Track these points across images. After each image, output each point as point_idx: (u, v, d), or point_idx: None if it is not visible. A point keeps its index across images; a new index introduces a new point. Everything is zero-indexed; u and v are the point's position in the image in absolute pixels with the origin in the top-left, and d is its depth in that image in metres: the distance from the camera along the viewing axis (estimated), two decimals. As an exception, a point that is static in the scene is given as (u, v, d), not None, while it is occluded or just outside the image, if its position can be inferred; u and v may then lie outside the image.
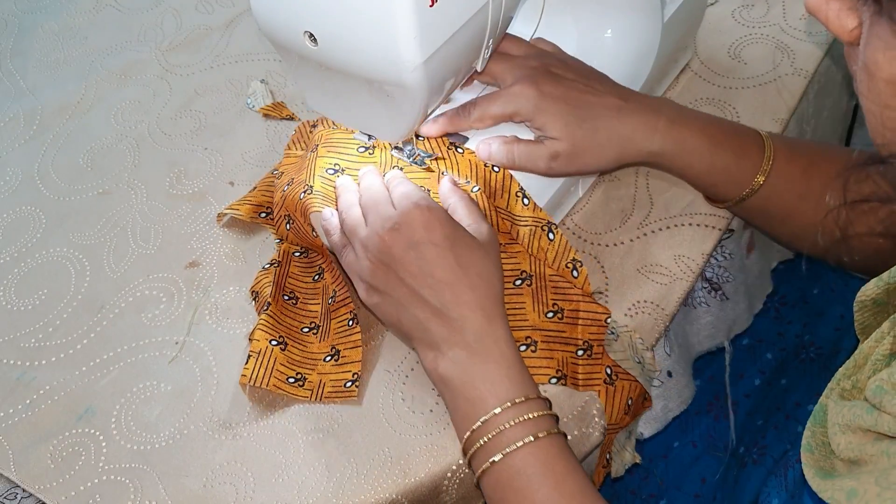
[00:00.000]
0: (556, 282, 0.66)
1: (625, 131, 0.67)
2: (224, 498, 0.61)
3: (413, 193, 0.63)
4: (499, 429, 0.56)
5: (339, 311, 0.69)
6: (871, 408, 0.45)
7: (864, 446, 0.45)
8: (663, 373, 0.73)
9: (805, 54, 0.84)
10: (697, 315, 0.77)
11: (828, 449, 0.49)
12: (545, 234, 0.66)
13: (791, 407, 0.83)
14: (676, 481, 0.82)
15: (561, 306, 0.65)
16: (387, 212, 0.62)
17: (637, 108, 0.67)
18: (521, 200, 0.67)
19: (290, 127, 0.85)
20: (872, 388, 0.45)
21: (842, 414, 0.47)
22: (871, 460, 0.44)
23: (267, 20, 0.58)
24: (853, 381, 0.50)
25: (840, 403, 0.48)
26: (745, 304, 0.81)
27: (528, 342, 0.64)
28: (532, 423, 0.57)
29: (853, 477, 0.45)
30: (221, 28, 0.97)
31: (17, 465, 0.64)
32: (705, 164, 0.68)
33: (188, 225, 0.78)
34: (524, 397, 0.57)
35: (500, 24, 0.61)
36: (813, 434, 0.51)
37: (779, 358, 0.89)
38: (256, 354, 0.66)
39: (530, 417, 0.57)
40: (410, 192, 0.63)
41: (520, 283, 0.66)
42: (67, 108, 0.91)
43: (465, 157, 0.67)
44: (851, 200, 0.48)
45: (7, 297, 0.74)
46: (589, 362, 0.65)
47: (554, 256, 0.66)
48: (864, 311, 0.55)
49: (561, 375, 0.64)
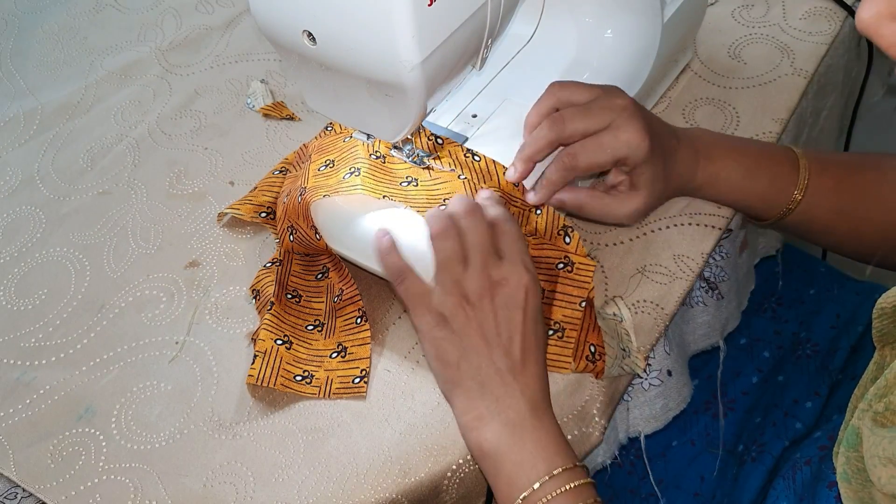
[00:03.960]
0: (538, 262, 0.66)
1: (681, 172, 0.68)
2: (224, 498, 0.61)
3: (522, 248, 0.61)
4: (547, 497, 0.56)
5: (347, 309, 0.69)
6: None
7: None
8: (663, 372, 0.73)
9: (805, 54, 0.84)
10: (694, 315, 0.78)
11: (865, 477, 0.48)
12: (532, 212, 0.66)
13: (789, 404, 0.83)
14: (675, 480, 0.83)
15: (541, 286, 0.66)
16: (494, 261, 0.60)
17: (684, 146, 0.68)
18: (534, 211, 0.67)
19: (291, 127, 0.85)
20: None
21: (882, 446, 0.46)
22: None
23: (266, 19, 0.58)
24: (886, 404, 0.49)
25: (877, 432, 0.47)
26: (735, 302, 0.82)
27: None
28: (572, 494, 0.56)
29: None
30: (221, 28, 0.97)
31: (17, 464, 0.64)
32: (739, 192, 0.69)
33: (188, 225, 0.78)
34: (562, 468, 0.57)
35: (498, 24, 0.61)
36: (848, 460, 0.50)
37: (776, 356, 0.89)
38: (262, 354, 0.66)
39: (569, 488, 0.56)
40: (521, 247, 0.61)
41: None
42: (67, 108, 0.91)
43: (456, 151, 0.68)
44: None
45: (7, 297, 0.75)
46: (559, 344, 0.65)
47: (545, 226, 0.66)
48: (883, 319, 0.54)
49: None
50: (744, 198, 0.70)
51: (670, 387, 0.74)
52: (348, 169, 0.69)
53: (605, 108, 0.64)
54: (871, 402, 0.50)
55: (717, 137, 0.71)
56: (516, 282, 0.59)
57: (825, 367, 0.85)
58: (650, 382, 0.72)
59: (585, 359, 0.64)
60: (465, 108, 0.74)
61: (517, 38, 0.78)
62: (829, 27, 0.86)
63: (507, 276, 0.59)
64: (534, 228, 0.67)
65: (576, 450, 0.64)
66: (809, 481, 0.63)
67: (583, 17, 0.76)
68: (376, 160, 0.70)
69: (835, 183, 0.69)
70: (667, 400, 0.74)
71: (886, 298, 0.54)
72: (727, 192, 0.70)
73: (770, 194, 0.69)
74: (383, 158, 0.70)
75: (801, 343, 0.89)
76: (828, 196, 0.69)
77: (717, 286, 0.78)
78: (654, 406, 0.73)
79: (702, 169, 0.68)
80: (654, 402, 0.73)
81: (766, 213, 0.71)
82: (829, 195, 0.69)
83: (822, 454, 0.64)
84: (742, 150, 0.70)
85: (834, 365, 0.85)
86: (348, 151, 0.71)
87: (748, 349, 0.89)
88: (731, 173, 0.68)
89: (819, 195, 0.69)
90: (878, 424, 0.48)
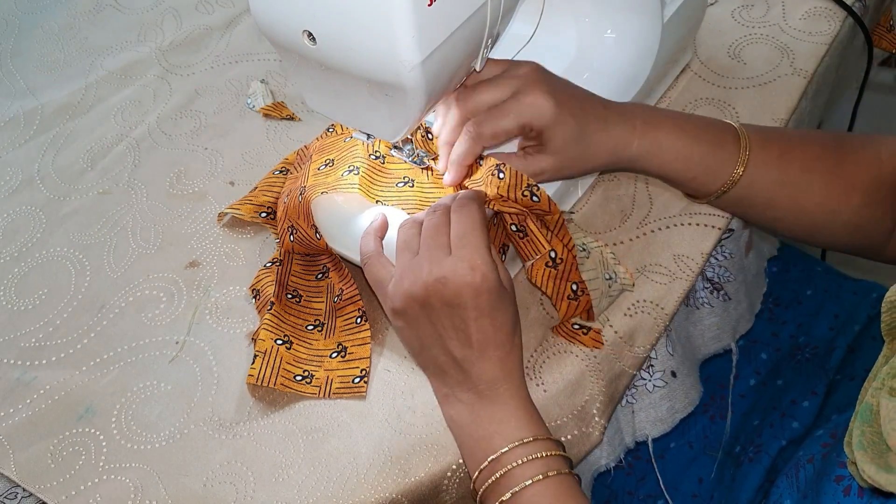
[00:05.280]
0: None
1: (609, 141, 0.66)
2: (224, 498, 0.61)
3: (472, 240, 0.59)
4: (508, 467, 0.56)
5: (347, 309, 0.69)
6: None
7: None
8: (667, 373, 0.72)
9: (805, 54, 0.84)
10: (701, 316, 0.77)
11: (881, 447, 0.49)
12: (495, 176, 0.64)
13: (787, 405, 0.83)
14: (674, 482, 0.82)
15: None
16: (439, 258, 0.59)
17: (616, 116, 0.66)
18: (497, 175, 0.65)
19: (291, 127, 0.85)
20: None
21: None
22: None
23: (266, 19, 0.58)
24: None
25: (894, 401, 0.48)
26: (746, 303, 0.81)
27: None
28: (542, 462, 0.57)
29: None
30: (221, 28, 0.97)
31: (18, 464, 0.64)
32: (682, 159, 0.67)
33: (188, 225, 0.78)
34: (532, 437, 0.57)
35: (498, 24, 0.61)
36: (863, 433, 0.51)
37: (774, 358, 0.89)
38: (262, 354, 0.66)
39: (540, 456, 0.57)
40: (470, 239, 0.59)
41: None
42: (67, 108, 0.91)
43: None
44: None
45: (7, 296, 0.75)
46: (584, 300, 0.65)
47: (507, 189, 0.64)
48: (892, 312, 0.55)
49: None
50: (686, 168, 0.68)
51: (676, 389, 0.73)
52: (347, 167, 0.70)
53: (510, 77, 0.64)
54: (884, 381, 0.51)
55: (659, 110, 0.69)
56: (461, 281, 0.58)
57: (822, 367, 0.85)
58: (654, 384, 0.72)
59: (567, 298, 0.64)
60: (465, 108, 0.74)
61: (517, 38, 0.78)
62: (829, 27, 0.86)
63: (449, 275, 0.58)
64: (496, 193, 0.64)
65: (576, 450, 0.64)
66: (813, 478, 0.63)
67: (583, 17, 0.76)
68: (375, 160, 0.70)
69: (777, 154, 0.68)
70: (672, 402, 0.73)
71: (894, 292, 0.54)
72: (669, 160, 0.67)
73: (713, 164, 0.67)
74: (383, 158, 0.70)
75: (799, 348, 0.88)
76: (769, 168, 0.68)
77: (721, 287, 0.77)
78: (660, 408, 0.73)
79: (639, 137, 0.66)
80: (659, 405, 0.73)
81: (708, 185, 0.68)
82: (770, 167, 0.68)
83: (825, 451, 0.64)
84: (684, 119, 0.68)
85: (831, 364, 0.85)
86: (348, 151, 0.71)
87: (745, 351, 0.89)
88: (674, 142, 0.66)
89: (761, 166, 0.67)
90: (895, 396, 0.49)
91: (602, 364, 0.66)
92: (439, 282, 0.58)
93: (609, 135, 0.66)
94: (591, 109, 0.65)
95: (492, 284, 0.59)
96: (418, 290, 0.59)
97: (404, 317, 0.61)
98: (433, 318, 0.59)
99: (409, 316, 0.60)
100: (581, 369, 0.66)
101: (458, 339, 0.59)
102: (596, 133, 0.65)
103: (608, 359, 0.66)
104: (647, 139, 0.66)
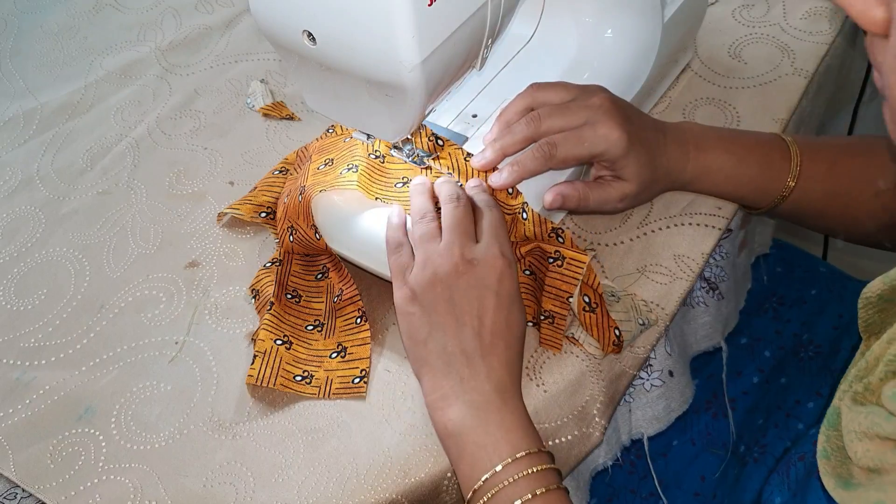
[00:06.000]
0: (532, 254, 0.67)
1: (668, 166, 0.68)
2: (224, 498, 0.61)
3: (500, 234, 0.62)
4: (500, 486, 0.56)
5: (346, 309, 0.69)
6: (890, 415, 0.44)
7: (884, 455, 0.44)
8: (664, 372, 0.73)
9: (805, 54, 0.84)
10: (695, 315, 0.77)
11: (844, 455, 0.48)
12: (519, 216, 0.66)
13: (791, 405, 0.83)
14: (676, 480, 0.83)
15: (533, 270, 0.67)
16: (469, 243, 0.61)
17: (673, 142, 0.68)
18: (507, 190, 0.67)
19: (291, 127, 0.85)
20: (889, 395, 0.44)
21: (858, 421, 0.46)
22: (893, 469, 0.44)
23: (266, 19, 0.58)
24: (865, 384, 0.49)
25: (855, 409, 0.47)
26: (734, 301, 0.82)
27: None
28: (533, 479, 0.56)
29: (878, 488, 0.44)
30: (221, 28, 0.97)
31: (17, 465, 0.64)
32: (732, 181, 0.70)
33: (188, 225, 0.78)
34: (525, 452, 0.57)
35: (498, 24, 0.61)
36: (828, 438, 0.50)
37: (777, 356, 0.89)
38: (262, 354, 0.66)
39: (531, 472, 0.56)
40: (499, 232, 0.62)
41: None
42: (67, 108, 0.91)
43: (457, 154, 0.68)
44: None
45: (7, 297, 0.75)
46: (551, 328, 0.66)
47: (533, 231, 0.66)
48: (868, 309, 0.54)
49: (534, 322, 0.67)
50: (737, 187, 0.70)
51: (672, 387, 0.73)
52: (346, 165, 0.70)
53: (582, 107, 0.65)
54: (851, 384, 0.51)
55: (707, 129, 0.71)
56: (490, 263, 0.60)
57: (827, 368, 0.85)
58: (652, 383, 0.72)
59: (613, 344, 0.65)
60: (465, 108, 0.74)
61: (517, 38, 0.78)
62: (830, 27, 0.86)
63: (479, 258, 0.60)
64: (523, 234, 0.67)
65: (576, 450, 0.64)
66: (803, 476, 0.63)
67: (583, 17, 0.76)
68: (375, 160, 0.70)
69: (827, 167, 0.69)
70: (669, 401, 0.74)
71: (871, 288, 0.54)
72: (720, 182, 0.70)
73: (763, 182, 0.69)
74: (383, 158, 0.70)
75: (803, 345, 0.89)
76: (820, 181, 0.69)
77: (717, 286, 0.78)
78: (657, 407, 0.73)
79: (692, 161, 0.69)
80: (656, 403, 0.73)
81: (760, 201, 0.71)
82: (821, 180, 0.69)
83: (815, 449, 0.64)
84: (733, 140, 0.70)
85: (836, 365, 0.85)
86: (347, 151, 0.71)
87: (749, 349, 0.89)
88: (724, 163, 0.69)
89: (812, 180, 0.69)
90: (857, 403, 0.48)
91: (602, 364, 0.66)
92: (469, 262, 0.60)
93: (668, 159, 0.68)
94: (653, 137, 0.67)
95: (514, 279, 0.61)
96: (446, 269, 0.60)
97: (421, 301, 0.60)
98: (455, 299, 0.59)
99: (427, 299, 0.60)
100: (581, 370, 0.66)
101: (471, 327, 0.59)
102: (658, 159, 0.67)
103: (608, 359, 0.66)
104: (698, 163, 0.69)
